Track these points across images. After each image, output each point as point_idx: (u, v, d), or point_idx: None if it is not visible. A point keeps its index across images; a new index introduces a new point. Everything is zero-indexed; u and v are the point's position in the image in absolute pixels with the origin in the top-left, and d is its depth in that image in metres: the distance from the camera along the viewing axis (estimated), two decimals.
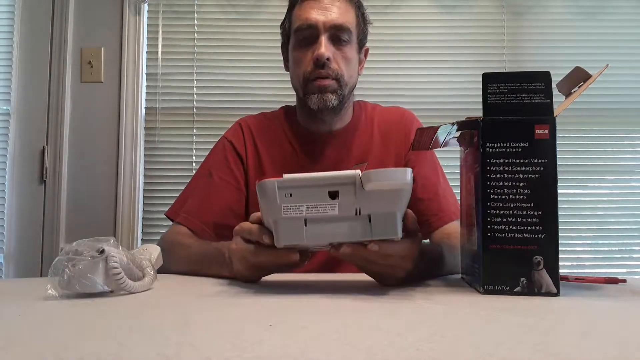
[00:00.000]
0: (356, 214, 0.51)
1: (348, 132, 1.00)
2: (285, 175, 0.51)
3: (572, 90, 0.61)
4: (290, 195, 0.51)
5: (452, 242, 0.83)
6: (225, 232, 0.89)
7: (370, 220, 0.52)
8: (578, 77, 0.61)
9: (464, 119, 0.58)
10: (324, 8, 0.91)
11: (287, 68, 1.02)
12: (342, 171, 0.52)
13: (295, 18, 0.94)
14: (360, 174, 0.50)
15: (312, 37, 0.92)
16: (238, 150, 1.00)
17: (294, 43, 0.95)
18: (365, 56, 1.03)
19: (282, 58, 1.04)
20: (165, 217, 1.01)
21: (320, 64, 0.90)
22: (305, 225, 0.52)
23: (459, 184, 0.67)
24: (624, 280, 0.64)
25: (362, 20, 0.98)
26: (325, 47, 0.90)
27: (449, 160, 1.70)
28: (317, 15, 0.91)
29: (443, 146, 0.67)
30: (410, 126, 1.01)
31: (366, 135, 1.00)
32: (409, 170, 0.51)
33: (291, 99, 1.07)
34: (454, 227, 0.92)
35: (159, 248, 0.71)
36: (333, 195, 0.51)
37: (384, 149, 0.99)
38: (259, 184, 0.52)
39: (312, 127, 1.00)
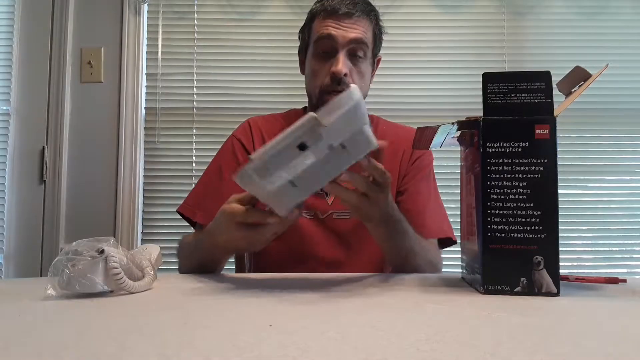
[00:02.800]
0: (330, 149, 0.53)
1: None
2: (252, 155, 0.52)
3: (572, 90, 0.61)
4: (267, 169, 0.52)
5: (423, 243, 0.85)
6: None
7: (344, 147, 0.53)
8: (578, 77, 0.61)
9: (464, 119, 0.58)
10: (344, 27, 0.93)
11: (302, 71, 1.04)
12: (298, 121, 0.52)
13: (316, 30, 0.96)
14: (316, 115, 0.51)
15: (330, 49, 0.93)
16: (247, 149, 1.01)
17: (312, 53, 0.97)
18: (377, 65, 1.05)
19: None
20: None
21: (337, 79, 0.92)
22: (295, 185, 0.53)
23: (459, 184, 0.67)
24: (624, 280, 0.64)
25: (379, 34, 1.00)
26: (342, 64, 0.92)
27: (449, 160, 1.71)
28: (336, 34, 0.92)
29: (443, 146, 0.67)
30: None
31: None
32: (353, 88, 0.52)
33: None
34: (431, 242, 0.93)
35: (158, 248, 0.71)
36: (302, 147, 0.52)
37: (391, 161, 1.00)
38: (236, 178, 0.53)
39: None
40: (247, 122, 1.06)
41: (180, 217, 0.98)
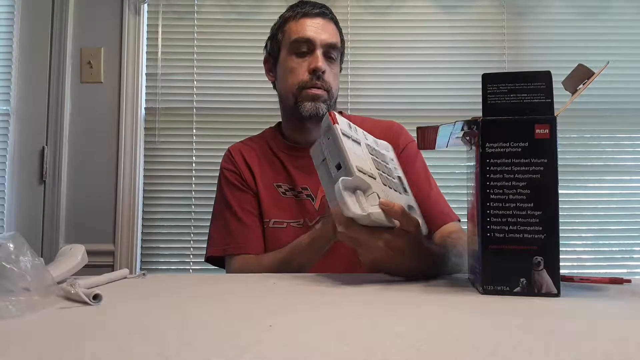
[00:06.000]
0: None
1: None
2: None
3: (577, 88, 0.61)
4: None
5: (453, 241, 0.84)
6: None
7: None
8: (582, 75, 0.61)
9: (469, 119, 0.58)
10: (320, 28, 1.00)
11: (270, 78, 1.10)
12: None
13: (292, 31, 1.01)
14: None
15: (308, 49, 1.00)
16: (238, 171, 1.06)
17: (289, 52, 1.01)
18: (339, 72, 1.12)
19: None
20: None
21: (317, 75, 0.98)
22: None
23: (458, 184, 0.67)
24: (628, 281, 0.63)
25: (342, 41, 1.08)
26: (322, 61, 0.99)
27: (448, 160, 1.71)
28: (313, 33, 1.00)
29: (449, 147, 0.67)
30: (397, 137, 1.04)
31: None
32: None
33: None
34: (452, 226, 0.93)
35: (83, 247, 0.70)
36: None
37: None
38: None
39: (298, 138, 1.06)
40: (229, 151, 1.10)
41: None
